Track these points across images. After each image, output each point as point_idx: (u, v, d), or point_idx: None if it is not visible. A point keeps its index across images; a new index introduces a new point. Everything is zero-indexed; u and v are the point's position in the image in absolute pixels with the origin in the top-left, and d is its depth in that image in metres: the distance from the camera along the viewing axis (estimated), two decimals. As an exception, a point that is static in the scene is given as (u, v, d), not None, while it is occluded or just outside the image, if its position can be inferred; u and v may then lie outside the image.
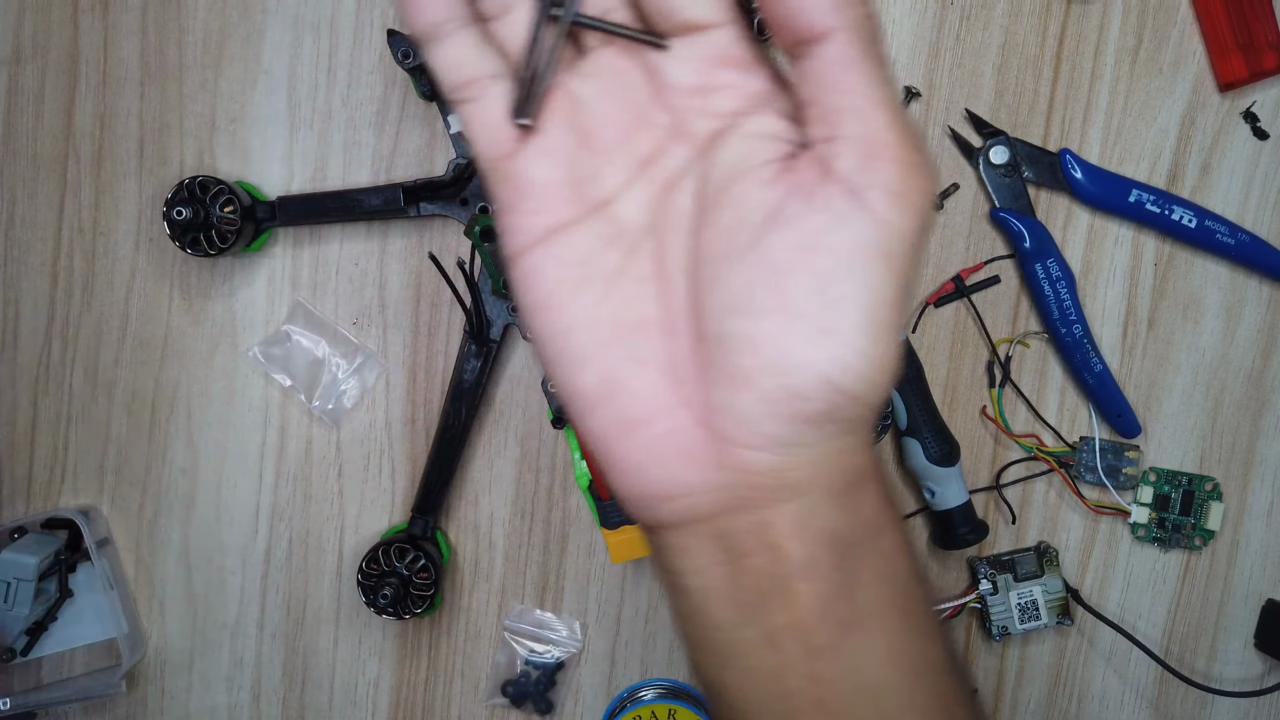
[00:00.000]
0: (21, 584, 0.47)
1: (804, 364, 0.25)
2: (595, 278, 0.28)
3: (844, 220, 0.25)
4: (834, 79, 0.25)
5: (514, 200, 0.28)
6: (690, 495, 0.27)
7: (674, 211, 0.28)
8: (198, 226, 0.44)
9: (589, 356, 0.28)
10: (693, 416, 0.27)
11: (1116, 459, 0.48)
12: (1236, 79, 0.46)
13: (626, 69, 0.28)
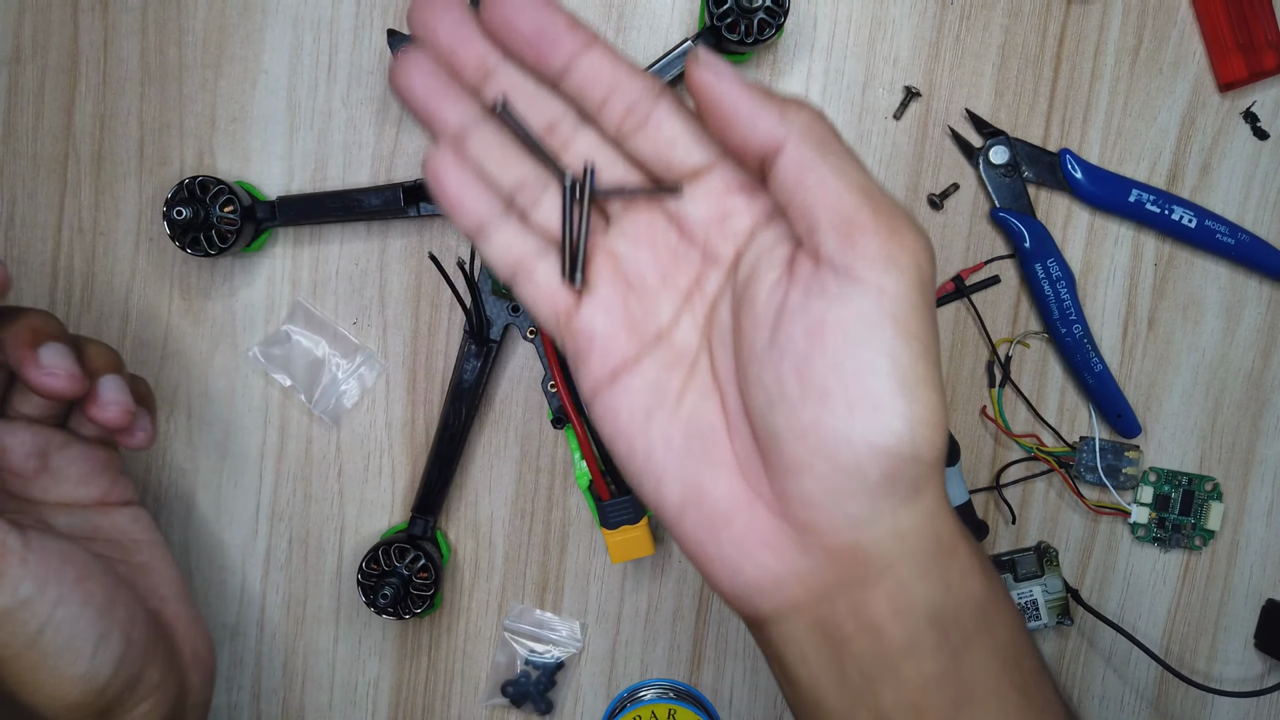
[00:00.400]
0: (22, 584, 0.47)
1: (846, 439, 0.27)
2: (664, 401, 0.31)
3: (840, 299, 0.27)
4: (798, 179, 0.28)
5: (582, 351, 0.32)
6: (783, 586, 0.29)
7: (718, 327, 0.31)
8: (198, 226, 0.44)
9: (669, 470, 0.31)
10: (768, 509, 0.29)
11: (1116, 459, 0.48)
12: (1236, 79, 0.46)
13: (652, 219, 0.32)
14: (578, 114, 0.31)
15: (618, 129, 0.31)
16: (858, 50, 0.47)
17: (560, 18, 0.30)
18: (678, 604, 0.50)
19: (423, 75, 0.31)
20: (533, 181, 0.32)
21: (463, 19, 0.31)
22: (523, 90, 0.31)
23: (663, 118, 0.30)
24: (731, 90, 0.28)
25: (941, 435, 0.28)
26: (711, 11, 0.43)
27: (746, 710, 0.51)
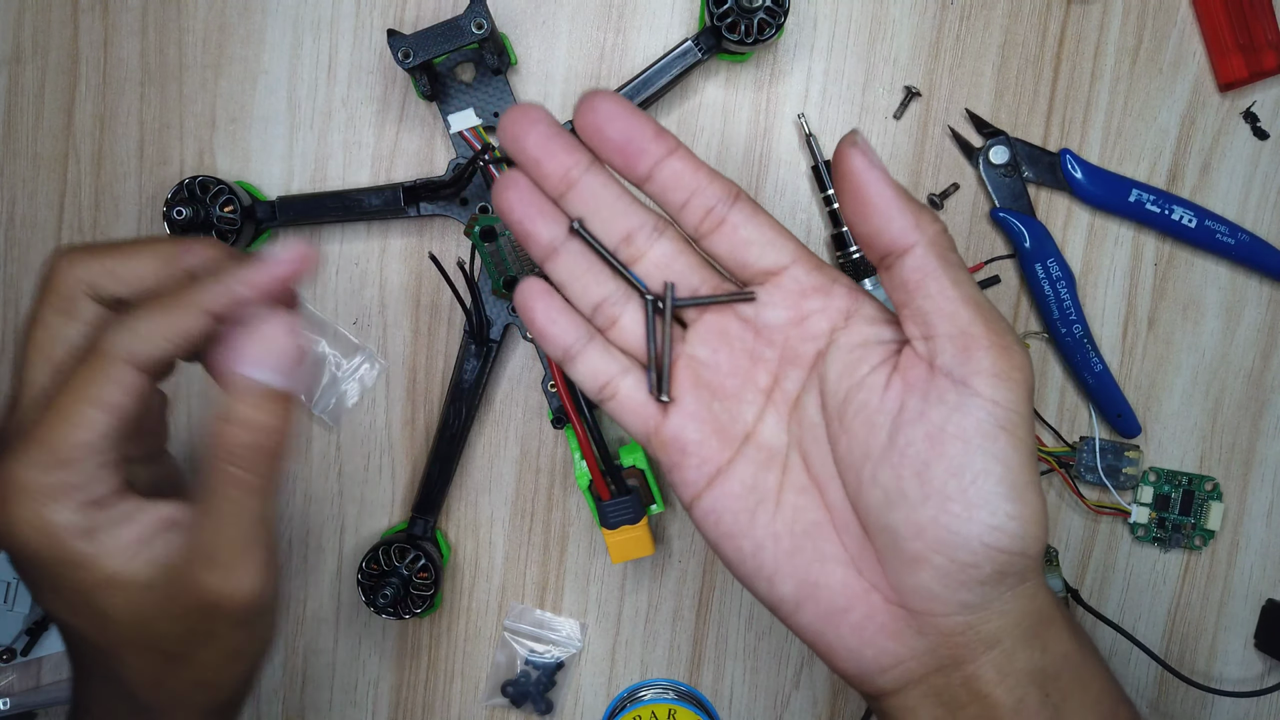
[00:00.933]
0: (21, 584, 0.47)
1: (965, 538, 0.29)
2: (764, 499, 0.33)
3: (959, 409, 0.29)
4: (919, 285, 0.30)
5: (676, 461, 0.34)
6: (902, 664, 0.31)
7: (806, 425, 0.33)
8: (198, 226, 0.44)
9: (780, 568, 0.33)
10: (883, 597, 0.32)
11: (1116, 459, 0.48)
12: (1236, 79, 0.46)
13: (728, 324, 0.34)
14: (655, 222, 0.33)
15: (695, 230, 0.33)
16: (858, 50, 0.47)
17: (648, 127, 0.32)
18: (678, 604, 0.50)
19: (519, 192, 0.33)
20: (613, 297, 0.34)
21: (549, 133, 0.32)
22: (603, 200, 0.33)
23: (739, 221, 0.32)
24: (878, 183, 0.30)
25: (1044, 532, 0.30)
26: (711, 11, 0.43)
27: (747, 710, 0.51)
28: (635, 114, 0.32)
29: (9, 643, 0.49)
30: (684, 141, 0.48)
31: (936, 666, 0.31)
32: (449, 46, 0.42)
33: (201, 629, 0.31)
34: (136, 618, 0.30)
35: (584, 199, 0.33)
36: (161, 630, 0.31)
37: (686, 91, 0.47)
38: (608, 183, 0.33)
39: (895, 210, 0.30)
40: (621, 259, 0.33)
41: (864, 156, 0.30)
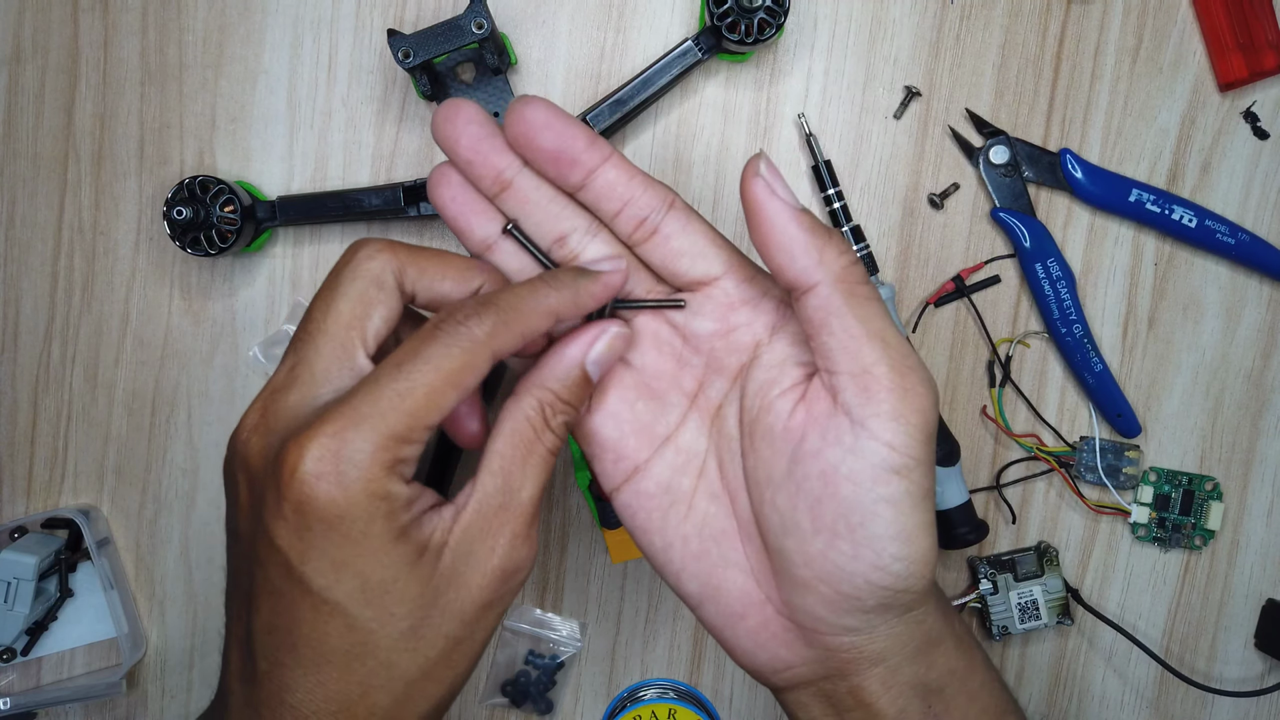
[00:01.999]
0: (21, 584, 0.47)
1: (850, 575, 0.31)
2: (677, 500, 0.34)
3: (853, 451, 0.30)
4: (823, 321, 0.30)
5: (595, 454, 0.34)
6: (792, 669, 0.33)
7: (725, 435, 0.34)
8: (198, 226, 0.44)
9: (686, 567, 0.34)
10: (776, 609, 0.33)
11: (1117, 459, 0.48)
12: (1236, 79, 0.46)
13: (659, 328, 0.34)
14: (590, 224, 0.34)
15: (628, 238, 0.33)
16: (858, 50, 0.47)
17: (580, 136, 0.32)
18: (678, 604, 0.50)
19: (452, 190, 0.33)
20: None
21: (482, 134, 0.32)
22: (537, 202, 0.33)
23: (671, 231, 0.33)
24: (781, 215, 0.30)
25: (931, 570, 0.31)
26: (712, 11, 0.43)
27: (747, 710, 0.51)
28: (568, 122, 0.32)
29: (9, 643, 0.49)
30: (684, 141, 0.48)
31: (825, 674, 0.33)
32: (449, 46, 0.42)
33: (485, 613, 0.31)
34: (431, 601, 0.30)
35: (518, 200, 0.33)
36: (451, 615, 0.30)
37: (686, 91, 0.47)
38: (541, 185, 0.33)
39: (799, 246, 0.30)
40: (555, 260, 0.34)
41: (767, 186, 0.30)
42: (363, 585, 0.29)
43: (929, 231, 0.48)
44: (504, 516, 0.31)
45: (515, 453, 0.31)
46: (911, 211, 0.48)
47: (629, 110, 0.45)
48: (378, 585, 0.29)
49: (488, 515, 0.30)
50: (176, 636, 0.51)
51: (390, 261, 0.31)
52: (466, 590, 0.30)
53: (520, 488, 0.31)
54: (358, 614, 0.29)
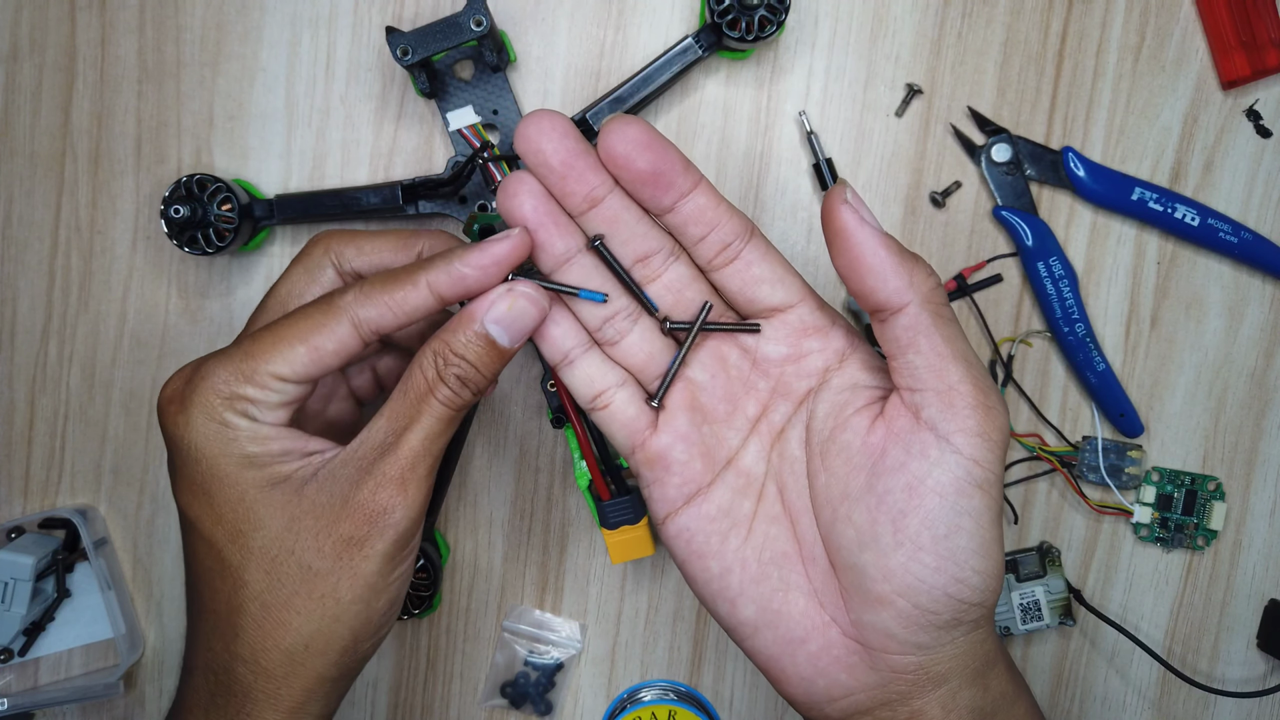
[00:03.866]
0: (19, 584, 0.47)
1: (931, 588, 0.31)
2: (737, 524, 0.34)
3: (939, 464, 0.30)
4: (911, 340, 0.31)
5: (659, 477, 0.35)
6: (851, 695, 0.33)
7: (787, 458, 0.34)
8: (195, 225, 0.44)
9: (745, 592, 0.34)
10: (841, 631, 0.33)
11: (1119, 458, 0.48)
12: (1239, 77, 0.46)
13: (729, 352, 0.35)
14: (671, 247, 0.34)
15: (709, 263, 0.34)
16: (859, 47, 0.47)
17: (678, 160, 0.32)
18: (678, 605, 0.50)
19: (535, 200, 0.33)
20: (622, 314, 0.34)
21: (578, 149, 0.32)
22: (625, 221, 0.33)
23: (753, 258, 0.33)
24: (872, 241, 0.31)
25: (1000, 584, 0.32)
26: (712, 9, 0.42)
27: (747, 712, 0.51)
28: (664, 145, 0.32)
29: (7, 643, 0.49)
30: (684, 139, 0.48)
31: (884, 700, 0.33)
32: (448, 44, 0.41)
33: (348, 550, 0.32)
34: (291, 519, 0.32)
35: (606, 219, 0.33)
36: (307, 543, 0.32)
37: (687, 89, 0.47)
38: (629, 204, 0.33)
39: (890, 270, 0.31)
40: (636, 279, 0.34)
41: (855, 214, 0.31)
42: (214, 506, 0.32)
43: (931, 230, 0.48)
44: (381, 461, 0.32)
45: (404, 402, 0.32)
46: (913, 210, 0.48)
47: (629, 108, 0.45)
48: (226, 507, 0.32)
49: (364, 456, 0.32)
50: (174, 637, 0.50)
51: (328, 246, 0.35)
52: (327, 523, 0.32)
53: (403, 435, 0.32)
54: (212, 533, 0.32)
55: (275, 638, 0.32)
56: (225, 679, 0.33)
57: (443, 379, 0.32)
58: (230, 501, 0.32)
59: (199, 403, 0.32)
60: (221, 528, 0.32)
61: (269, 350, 0.32)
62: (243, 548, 0.32)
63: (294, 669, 0.33)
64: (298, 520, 0.32)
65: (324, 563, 0.32)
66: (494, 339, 0.32)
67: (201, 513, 0.32)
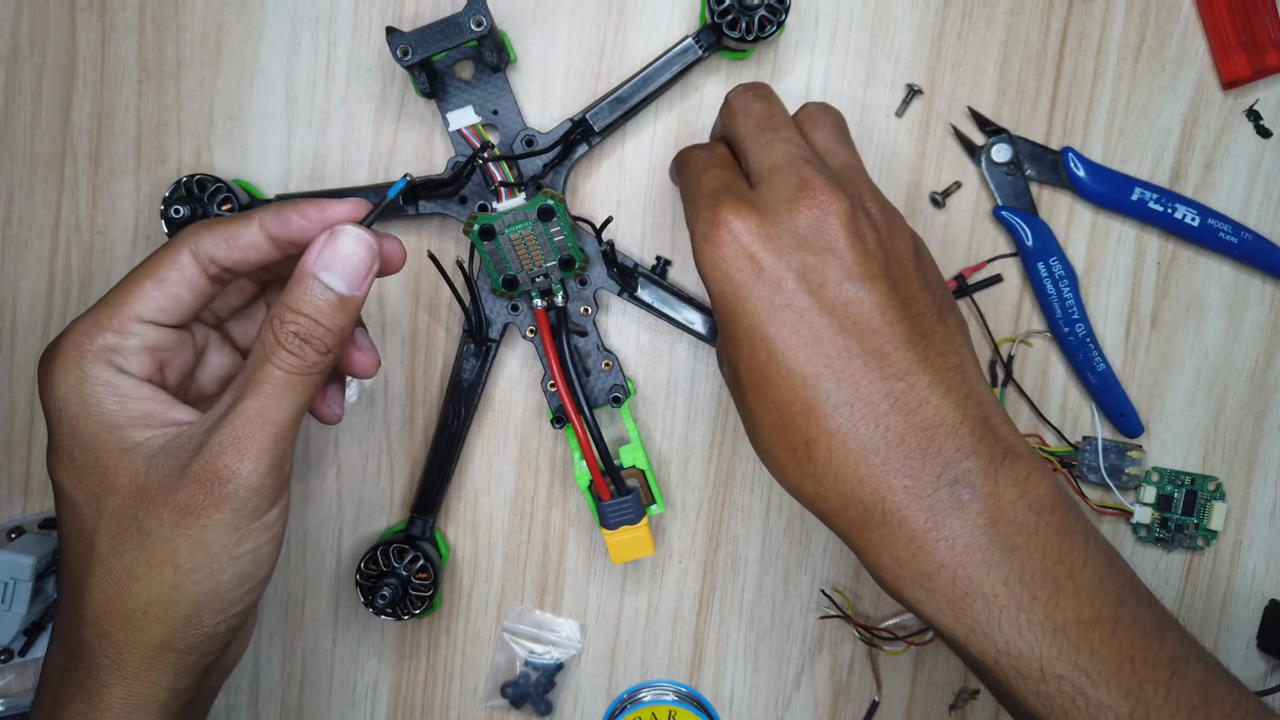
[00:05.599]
0: (19, 584, 0.47)
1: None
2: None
3: None
4: None
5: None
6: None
7: None
8: (195, 225, 0.44)
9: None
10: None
11: (1119, 459, 0.48)
12: (1239, 77, 0.46)
13: None
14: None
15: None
16: (859, 47, 0.47)
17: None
18: (678, 605, 0.50)
19: None
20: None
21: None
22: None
23: None
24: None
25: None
26: (712, 9, 0.42)
27: (748, 711, 0.51)
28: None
29: (7, 643, 0.49)
30: (684, 139, 0.48)
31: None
32: (448, 44, 0.41)
33: (185, 518, 0.32)
34: (139, 485, 0.32)
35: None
36: (149, 510, 0.32)
37: (687, 89, 0.47)
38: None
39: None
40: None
41: None
42: (75, 467, 0.33)
43: (931, 230, 0.48)
44: (221, 427, 0.32)
45: (247, 369, 0.33)
46: (913, 210, 0.48)
47: (629, 108, 0.45)
48: (89, 468, 0.33)
49: (208, 424, 0.33)
50: (174, 637, 0.50)
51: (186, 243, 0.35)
52: (170, 491, 0.32)
53: (241, 400, 0.32)
54: (76, 494, 0.33)
55: (116, 601, 0.33)
56: (75, 643, 0.34)
57: (279, 341, 0.32)
58: (89, 464, 0.33)
59: (62, 359, 0.33)
60: (80, 490, 0.33)
61: (121, 294, 0.34)
62: (96, 511, 0.33)
63: (134, 634, 0.33)
64: (143, 488, 0.32)
65: (162, 530, 0.32)
66: (329, 285, 0.33)
67: (64, 475, 0.33)
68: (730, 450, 0.49)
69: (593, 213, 0.48)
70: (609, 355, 0.46)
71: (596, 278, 0.46)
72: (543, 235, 0.43)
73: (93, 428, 0.33)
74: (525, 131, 0.45)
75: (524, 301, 0.46)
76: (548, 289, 0.45)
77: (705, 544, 0.50)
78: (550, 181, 0.45)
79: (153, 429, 0.33)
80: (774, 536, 0.50)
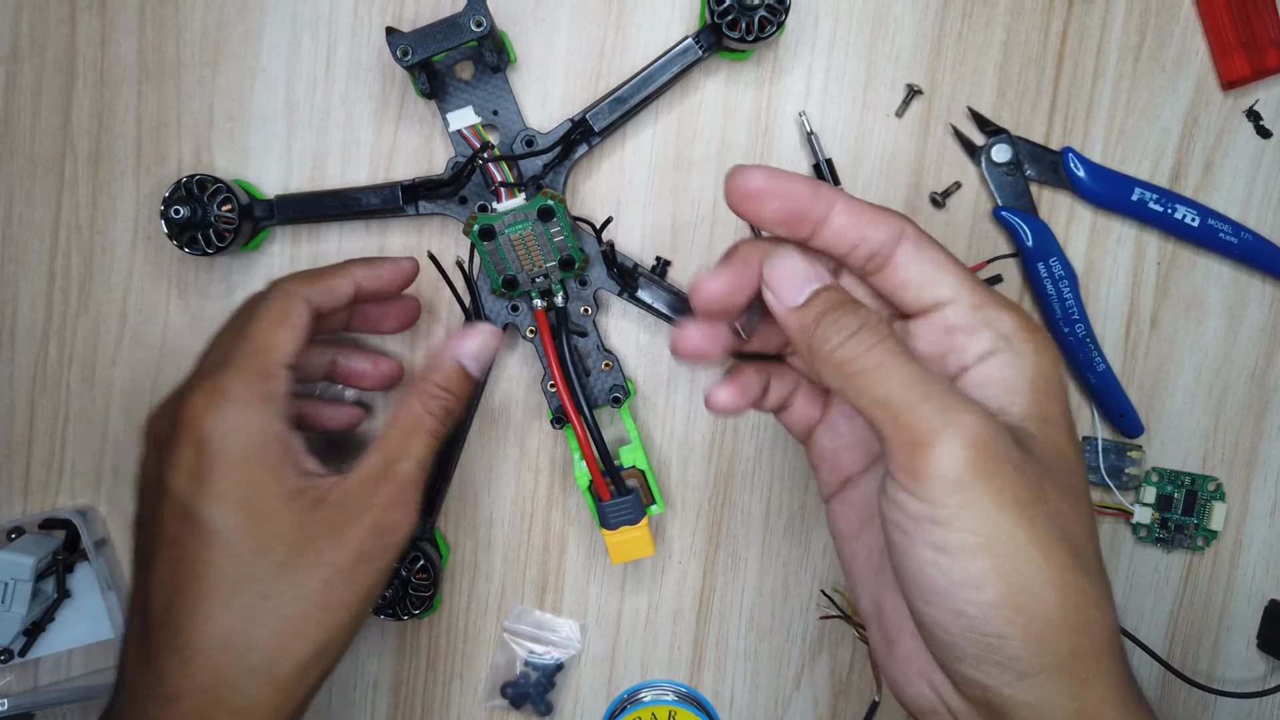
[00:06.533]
0: (19, 584, 0.47)
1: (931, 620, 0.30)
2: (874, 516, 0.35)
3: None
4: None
5: (816, 462, 0.38)
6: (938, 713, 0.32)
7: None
8: (195, 225, 0.44)
9: (864, 582, 0.35)
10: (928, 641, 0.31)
11: (1119, 459, 0.48)
12: (1239, 77, 0.46)
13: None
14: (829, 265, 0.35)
15: (861, 270, 0.33)
16: (859, 48, 0.47)
17: (804, 195, 0.32)
18: (678, 605, 0.50)
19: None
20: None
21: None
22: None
23: (900, 262, 0.33)
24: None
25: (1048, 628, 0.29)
26: (712, 9, 0.42)
27: (747, 712, 0.51)
28: (786, 185, 0.32)
29: (7, 643, 0.49)
30: (684, 139, 0.48)
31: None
32: (448, 44, 0.41)
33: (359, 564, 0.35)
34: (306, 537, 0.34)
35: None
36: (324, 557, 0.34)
37: (687, 89, 0.47)
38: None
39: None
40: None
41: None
42: (245, 513, 0.34)
43: (931, 230, 0.47)
44: (383, 483, 0.36)
45: (398, 433, 0.37)
46: (913, 210, 0.48)
47: (629, 108, 0.45)
48: (258, 514, 0.34)
49: (367, 481, 0.36)
50: (174, 637, 0.50)
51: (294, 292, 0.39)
52: (343, 540, 0.35)
53: (399, 460, 0.36)
54: (239, 543, 0.34)
55: (294, 647, 0.34)
56: (229, 696, 0.33)
57: (429, 411, 0.37)
58: (263, 513, 0.34)
59: (239, 408, 0.35)
60: (249, 540, 0.34)
61: (263, 342, 0.36)
62: (270, 562, 0.34)
63: (304, 678, 0.34)
64: (318, 539, 0.34)
65: (340, 577, 0.35)
66: (466, 370, 0.39)
67: (216, 510, 0.34)
68: (730, 450, 0.49)
69: (593, 213, 0.48)
70: (609, 355, 0.46)
71: (596, 278, 0.46)
72: (543, 235, 0.43)
73: (269, 476, 0.34)
74: (525, 132, 0.45)
75: (524, 302, 0.46)
76: (548, 289, 0.45)
77: (705, 544, 0.50)
78: (550, 182, 0.45)
79: (307, 479, 0.35)
80: (774, 536, 0.50)
